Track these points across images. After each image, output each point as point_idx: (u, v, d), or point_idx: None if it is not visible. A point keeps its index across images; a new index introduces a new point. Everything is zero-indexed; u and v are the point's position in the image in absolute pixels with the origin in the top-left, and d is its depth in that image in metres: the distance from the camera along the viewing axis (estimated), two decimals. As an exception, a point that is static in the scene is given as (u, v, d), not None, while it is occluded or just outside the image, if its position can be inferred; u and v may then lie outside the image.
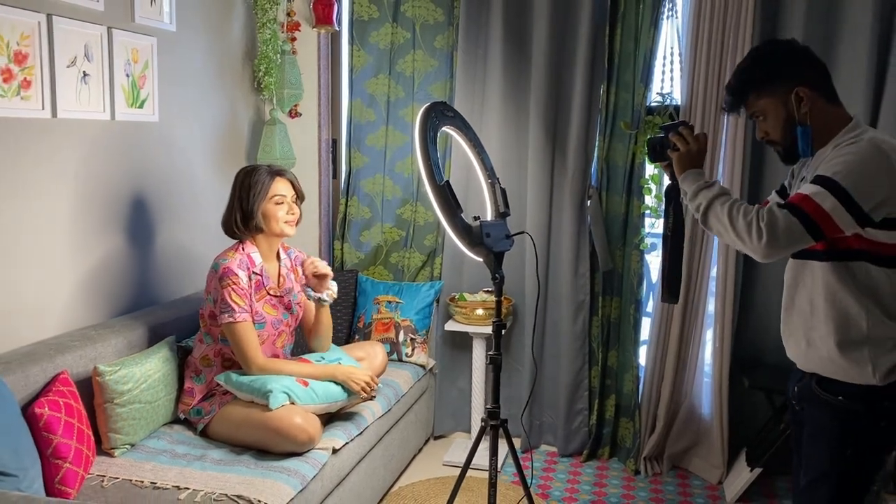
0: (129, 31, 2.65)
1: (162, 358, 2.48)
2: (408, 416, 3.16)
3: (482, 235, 2.17)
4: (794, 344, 1.85)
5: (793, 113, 1.73)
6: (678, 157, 1.87)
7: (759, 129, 1.81)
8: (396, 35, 3.42)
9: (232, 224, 2.50)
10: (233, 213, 2.50)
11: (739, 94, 1.79)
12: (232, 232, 2.52)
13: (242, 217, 2.48)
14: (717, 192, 1.78)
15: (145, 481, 2.12)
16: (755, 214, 1.67)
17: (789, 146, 1.77)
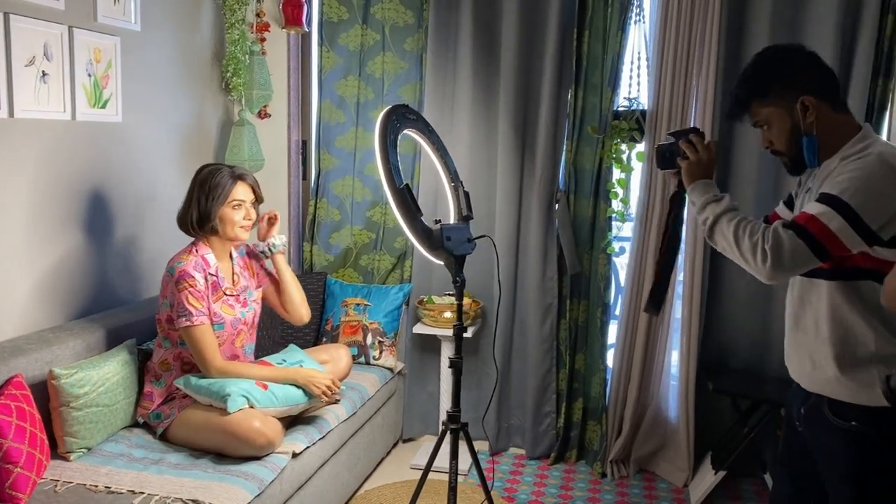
0: (91, 31, 2.62)
1: (121, 361, 2.45)
2: (374, 419, 3.15)
3: (442, 239, 2.17)
4: (799, 364, 1.76)
5: (798, 122, 1.65)
6: (687, 165, 1.80)
7: (764, 138, 1.75)
8: (366, 37, 3.41)
9: (187, 222, 2.48)
10: (189, 211, 2.48)
11: (743, 101, 1.72)
12: (186, 228, 2.50)
13: (199, 218, 2.46)
14: (725, 207, 1.71)
15: (100, 486, 2.10)
16: (761, 235, 1.60)
17: (795, 157, 1.70)
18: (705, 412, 3.20)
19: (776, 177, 3.08)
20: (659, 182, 3.08)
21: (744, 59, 3.02)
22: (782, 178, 3.07)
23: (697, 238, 3.01)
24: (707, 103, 2.96)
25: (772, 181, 3.08)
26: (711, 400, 3.17)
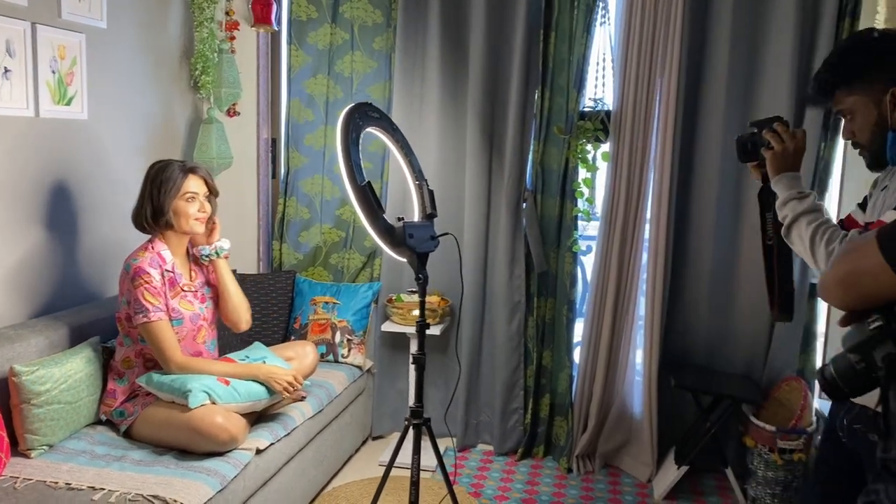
0: (56, 28, 2.61)
1: (85, 358, 2.45)
2: (342, 416, 3.16)
3: (405, 236, 2.19)
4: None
5: (885, 115, 1.52)
6: (772, 156, 1.70)
7: (845, 129, 1.63)
8: (335, 36, 3.43)
9: (142, 219, 2.49)
10: (143, 207, 2.48)
11: (826, 89, 1.60)
12: (141, 226, 2.51)
13: (153, 212, 2.47)
14: (807, 207, 1.63)
15: (60, 482, 2.10)
16: (837, 243, 1.52)
17: (876, 151, 1.58)
18: (669, 408, 3.26)
19: (737, 178, 3.13)
20: (623, 182, 3.12)
21: (705, 60, 3.09)
22: (744, 179, 3.13)
23: (660, 234, 3.06)
24: (670, 104, 3.01)
25: (733, 183, 3.14)
26: (675, 396, 3.23)
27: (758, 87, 3.07)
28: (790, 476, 2.89)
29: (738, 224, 3.16)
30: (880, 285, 1.14)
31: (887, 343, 1.20)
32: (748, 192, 3.14)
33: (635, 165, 3.12)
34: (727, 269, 3.18)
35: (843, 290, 1.21)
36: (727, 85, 3.05)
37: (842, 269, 1.21)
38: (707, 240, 3.17)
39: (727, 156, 3.11)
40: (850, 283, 1.19)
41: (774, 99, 3.02)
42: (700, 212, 3.17)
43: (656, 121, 3.07)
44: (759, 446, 2.94)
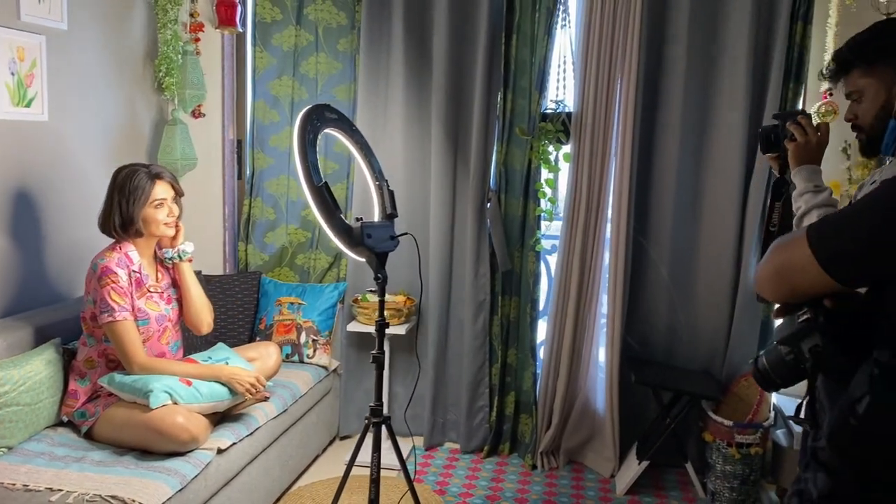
0: (14, 29, 2.61)
1: (45, 360, 2.45)
2: (308, 416, 3.18)
3: (363, 236, 2.22)
4: None
5: (892, 102, 1.50)
6: (795, 148, 1.71)
7: (849, 110, 1.60)
8: (300, 37, 3.44)
9: (110, 226, 2.49)
10: (111, 216, 2.48)
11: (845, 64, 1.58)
12: (109, 232, 2.51)
13: (122, 223, 2.47)
14: (821, 201, 1.62)
15: (17, 484, 2.10)
16: None
17: (874, 137, 1.56)
18: (631, 404, 3.31)
19: (695, 178, 3.20)
20: (584, 182, 3.17)
21: (662, 64, 3.15)
22: (702, 179, 3.19)
23: (620, 233, 3.11)
24: (629, 105, 3.06)
25: (691, 183, 3.20)
26: (637, 392, 3.28)
27: (714, 87, 3.13)
28: (748, 470, 2.96)
29: (696, 222, 3.23)
30: (809, 279, 1.18)
31: (814, 335, 1.25)
32: (706, 192, 3.20)
33: (596, 166, 3.17)
34: (686, 267, 3.25)
35: (775, 283, 1.25)
36: (685, 86, 3.11)
37: (774, 263, 1.24)
38: (666, 239, 3.23)
39: (685, 155, 3.18)
40: (782, 276, 1.23)
41: (731, 99, 3.09)
42: (659, 211, 3.23)
43: (616, 122, 3.13)
44: (718, 441, 3.00)
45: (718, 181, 3.16)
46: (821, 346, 1.23)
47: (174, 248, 2.65)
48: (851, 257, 1.15)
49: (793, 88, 3.01)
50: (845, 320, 1.22)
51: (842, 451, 1.19)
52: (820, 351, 1.23)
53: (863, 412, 1.15)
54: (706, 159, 3.19)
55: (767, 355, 1.33)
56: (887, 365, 1.13)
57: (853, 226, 1.17)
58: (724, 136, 3.12)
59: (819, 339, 1.23)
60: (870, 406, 1.14)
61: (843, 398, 1.19)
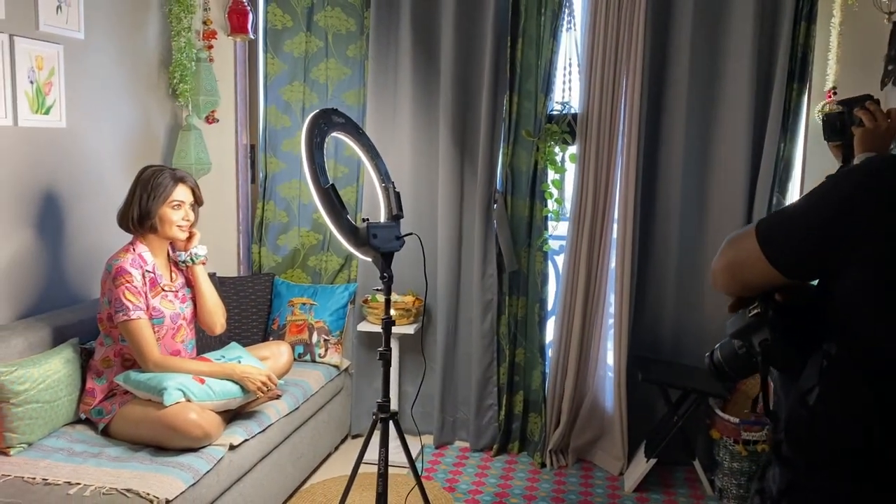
0: (33, 39, 2.70)
1: (64, 359, 2.52)
2: (320, 415, 3.24)
3: (369, 236, 2.27)
4: None
5: None
6: (863, 133, 1.66)
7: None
8: (310, 44, 3.52)
9: (128, 219, 2.58)
10: (130, 208, 2.58)
11: None
12: (126, 226, 2.60)
13: (139, 215, 2.56)
14: None
15: (37, 478, 2.17)
16: None
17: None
18: (639, 403, 3.34)
19: (701, 177, 3.23)
20: (590, 182, 3.21)
21: (668, 63, 3.19)
22: (707, 177, 3.22)
23: (627, 233, 3.14)
24: (634, 106, 3.10)
25: (697, 181, 3.23)
26: (645, 391, 3.31)
27: (719, 87, 3.17)
28: (755, 466, 2.97)
29: (702, 221, 3.26)
30: (758, 274, 1.19)
31: (764, 329, 1.24)
32: (712, 190, 3.23)
33: (602, 166, 3.21)
34: (693, 265, 3.27)
35: (726, 277, 1.25)
36: (689, 86, 3.15)
37: (725, 258, 1.25)
38: (673, 237, 3.26)
39: (691, 155, 3.21)
40: (733, 271, 1.24)
41: (736, 100, 3.12)
42: (666, 210, 3.26)
43: (622, 122, 3.17)
44: (725, 438, 3.02)
45: (724, 180, 3.19)
46: (770, 340, 1.22)
47: (187, 251, 2.72)
48: (796, 252, 1.16)
49: (797, 88, 3.03)
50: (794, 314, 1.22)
51: (796, 442, 1.20)
52: (769, 344, 1.22)
53: (812, 403, 1.16)
54: (712, 159, 3.22)
55: (721, 349, 1.33)
56: (835, 356, 1.14)
57: (798, 221, 1.18)
58: (730, 135, 3.15)
59: (768, 333, 1.22)
60: (819, 397, 1.15)
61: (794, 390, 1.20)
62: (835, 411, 1.14)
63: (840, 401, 1.14)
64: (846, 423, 1.13)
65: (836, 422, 1.14)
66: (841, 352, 1.13)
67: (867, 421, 1.11)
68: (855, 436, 1.12)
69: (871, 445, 1.11)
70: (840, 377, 1.13)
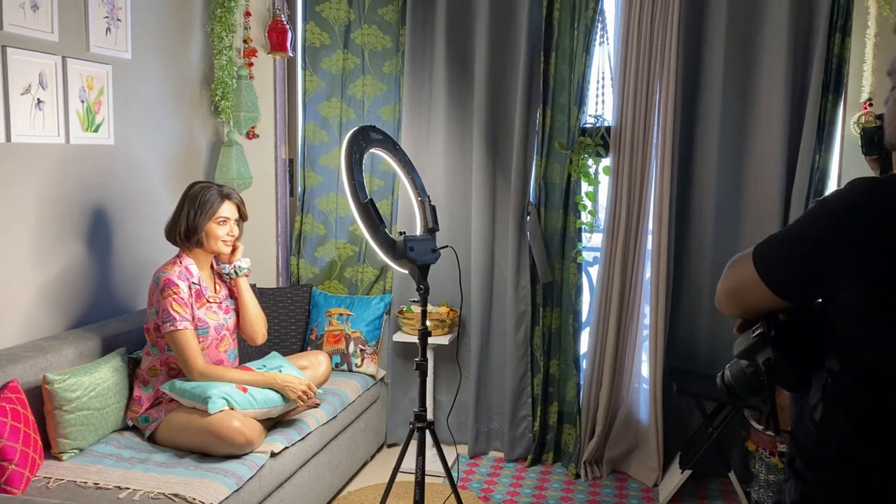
0: (84, 60, 2.81)
1: (112, 368, 2.62)
2: (356, 423, 3.30)
3: (406, 249, 2.33)
4: None
5: None
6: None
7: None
8: (347, 61, 3.60)
9: (175, 233, 2.67)
10: (178, 223, 2.67)
11: None
12: (173, 239, 2.69)
13: (186, 230, 2.65)
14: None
15: (89, 482, 2.26)
16: None
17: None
18: (675, 414, 3.34)
19: (735, 188, 3.23)
20: (624, 194, 3.24)
21: (700, 77, 3.21)
22: (742, 188, 3.23)
23: (661, 244, 3.16)
24: (667, 118, 3.12)
25: (731, 192, 3.24)
26: (680, 402, 3.31)
27: (753, 100, 3.17)
28: (791, 479, 2.96)
29: (738, 233, 3.26)
30: (757, 297, 1.23)
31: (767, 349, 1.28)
32: (746, 201, 3.23)
33: (635, 178, 3.23)
34: (728, 277, 3.27)
35: (729, 300, 1.29)
36: (723, 99, 3.16)
37: (727, 282, 1.29)
38: (708, 248, 3.27)
39: (725, 165, 3.22)
40: (734, 295, 1.28)
41: (769, 112, 3.12)
42: (700, 221, 3.27)
43: (655, 135, 3.19)
44: (760, 450, 3.01)
45: (759, 191, 3.19)
46: (773, 359, 1.25)
47: (231, 264, 2.81)
48: (790, 276, 1.19)
49: (832, 100, 3.03)
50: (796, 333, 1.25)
51: (805, 456, 1.23)
52: (772, 364, 1.25)
53: (818, 419, 1.19)
54: (746, 169, 3.23)
55: (730, 369, 1.37)
56: (837, 374, 1.17)
57: (790, 245, 1.20)
58: (764, 146, 3.16)
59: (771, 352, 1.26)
60: (823, 413, 1.19)
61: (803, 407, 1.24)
62: (838, 426, 1.17)
63: (843, 416, 1.17)
64: (849, 438, 1.16)
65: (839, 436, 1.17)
66: (842, 369, 1.16)
67: (868, 435, 1.14)
68: (857, 450, 1.16)
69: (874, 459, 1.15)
70: (842, 393, 1.17)
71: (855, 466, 1.17)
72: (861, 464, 1.16)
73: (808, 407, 1.22)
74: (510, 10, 3.34)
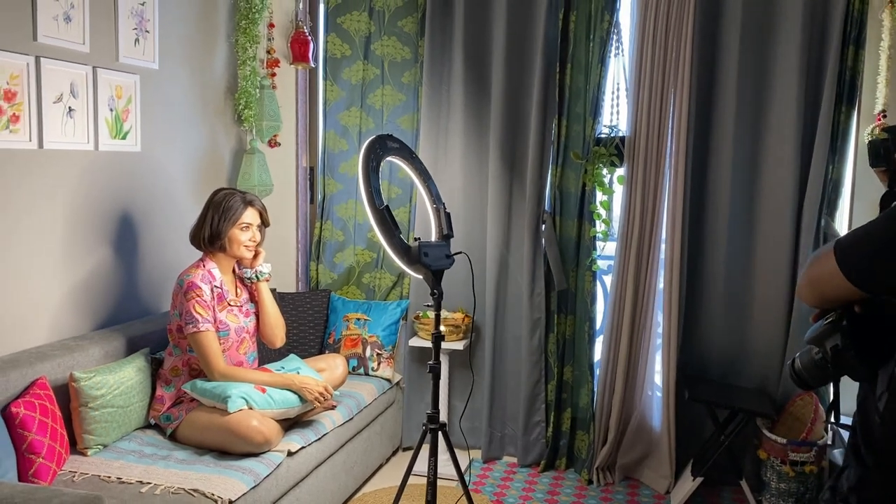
0: (114, 70, 2.92)
1: (136, 367, 2.71)
2: (372, 426, 3.36)
3: (420, 255, 2.39)
4: None
5: None
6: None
7: None
8: (367, 72, 3.68)
9: (200, 238, 2.76)
10: (202, 228, 2.76)
11: None
12: (197, 244, 2.78)
13: (210, 235, 2.74)
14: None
15: (112, 477, 2.34)
16: None
17: None
18: (688, 422, 3.36)
19: (749, 198, 3.26)
20: (638, 203, 3.28)
21: (714, 89, 3.25)
22: (756, 198, 3.26)
23: (675, 253, 3.19)
24: (681, 129, 3.16)
25: (745, 203, 3.27)
26: (693, 410, 3.33)
27: (766, 110, 3.20)
28: (802, 488, 2.98)
29: (751, 242, 3.28)
30: (837, 289, 1.31)
31: (836, 335, 1.36)
32: (760, 210, 3.26)
33: (649, 188, 3.28)
34: (742, 286, 3.30)
35: (809, 291, 1.38)
36: (736, 110, 3.19)
37: (809, 274, 1.38)
38: (721, 257, 3.30)
39: (738, 176, 3.25)
40: (815, 286, 1.36)
41: (783, 123, 3.15)
42: (714, 231, 3.30)
43: (669, 145, 3.23)
44: (772, 459, 3.03)
45: (772, 200, 3.22)
46: (840, 346, 1.33)
47: (253, 269, 2.89)
48: (871, 269, 1.27)
49: (845, 112, 3.05)
50: (869, 323, 1.31)
51: (868, 444, 1.29)
52: (839, 350, 1.33)
53: (883, 408, 1.26)
54: (759, 180, 3.25)
55: (801, 357, 1.45)
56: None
57: (872, 239, 1.28)
58: (777, 157, 3.18)
59: (839, 339, 1.34)
60: (889, 402, 1.25)
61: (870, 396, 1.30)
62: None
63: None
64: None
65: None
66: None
67: None
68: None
69: None
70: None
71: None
72: None
73: (875, 397, 1.28)
74: (526, 23, 3.40)
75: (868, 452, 1.29)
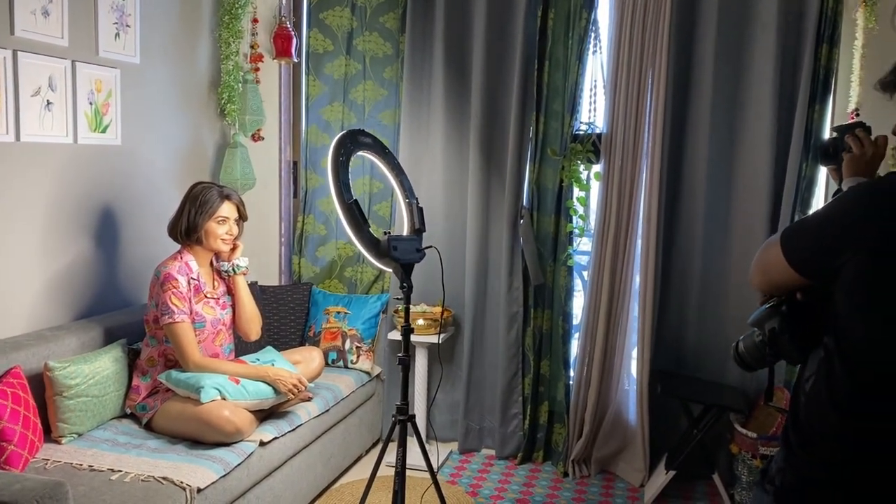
0: (93, 64, 2.95)
1: (112, 358, 2.74)
2: (350, 418, 3.39)
3: (389, 248, 2.42)
4: None
5: None
6: (849, 159, 1.74)
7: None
8: (349, 67, 3.72)
9: (177, 231, 2.80)
10: (179, 221, 2.80)
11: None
12: (175, 236, 2.82)
13: (187, 228, 2.78)
14: None
15: (84, 464, 2.38)
16: None
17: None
18: (662, 416, 3.40)
19: (723, 195, 3.29)
20: (614, 200, 3.31)
21: (690, 85, 3.28)
22: (729, 194, 3.29)
23: (650, 249, 3.23)
24: (657, 126, 3.19)
25: (720, 199, 3.30)
26: (668, 405, 3.36)
27: (742, 109, 3.23)
28: (772, 482, 3.00)
29: (725, 238, 3.32)
30: (781, 274, 1.38)
31: (774, 318, 1.43)
32: (735, 207, 3.29)
33: (626, 184, 3.31)
34: (716, 281, 3.33)
35: (758, 277, 1.45)
36: (712, 107, 3.23)
37: (759, 260, 1.45)
38: (696, 254, 3.33)
39: (714, 173, 3.28)
40: (763, 271, 1.43)
41: (758, 120, 3.18)
42: (689, 227, 3.33)
43: (645, 142, 3.26)
44: (743, 453, 3.07)
45: (747, 197, 3.25)
46: (777, 329, 1.39)
47: (230, 262, 2.92)
48: (806, 253, 1.34)
49: (818, 110, 3.08)
50: (805, 309, 1.38)
51: (795, 426, 1.34)
52: (776, 333, 1.39)
53: (808, 389, 1.32)
54: (735, 177, 3.29)
55: (745, 339, 1.51)
56: (830, 349, 1.29)
57: (810, 226, 1.36)
58: (752, 154, 3.21)
59: (776, 323, 1.40)
60: (813, 385, 1.31)
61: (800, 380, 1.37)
62: (823, 400, 1.29)
63: (826, 388, 1.29)
64: (827, 409, 1.28)
65: (823, 410, 1.29)
66: (834, 346, 1.28)
67: (845, 411, 1.25)
68: (832, 421, 1.27)
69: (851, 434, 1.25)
70: (829, 368, 1.29)
71: (834, 440, 1.27)
72: (833, 436, 1.27)
73: (803, 379, 1.35)
74: (506, 20, 3.43)
75: (793, 433, 1.35)
